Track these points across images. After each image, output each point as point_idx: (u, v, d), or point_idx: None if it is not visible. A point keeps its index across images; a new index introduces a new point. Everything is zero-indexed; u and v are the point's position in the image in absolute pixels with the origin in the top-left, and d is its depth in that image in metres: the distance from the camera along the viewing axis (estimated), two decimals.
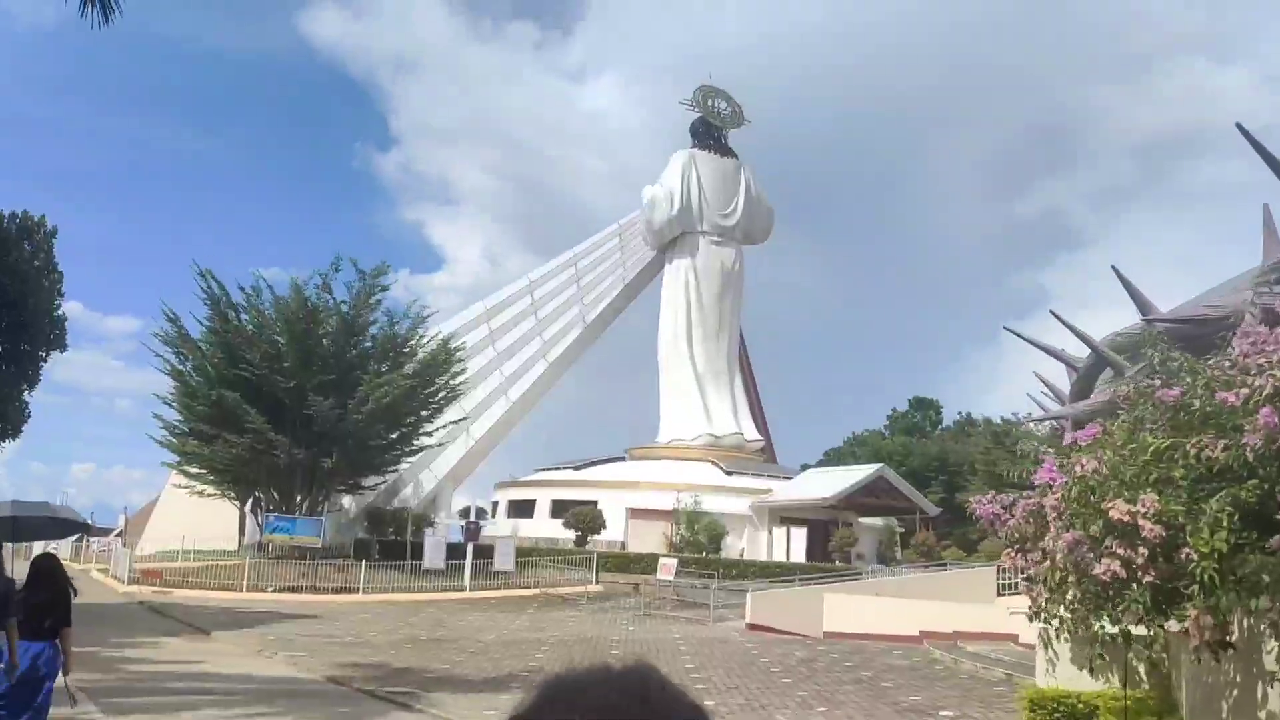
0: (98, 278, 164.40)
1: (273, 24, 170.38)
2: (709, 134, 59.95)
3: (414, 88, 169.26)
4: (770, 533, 45.62)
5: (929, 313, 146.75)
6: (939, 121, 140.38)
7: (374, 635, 23.71)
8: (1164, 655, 9.89)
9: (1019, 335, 28.20)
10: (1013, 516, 11.25)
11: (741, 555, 44.27)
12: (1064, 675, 10.72)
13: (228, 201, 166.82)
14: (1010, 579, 32.46)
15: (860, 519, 47.30)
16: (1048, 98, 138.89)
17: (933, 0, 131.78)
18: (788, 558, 42.95)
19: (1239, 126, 17.96)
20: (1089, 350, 26.88)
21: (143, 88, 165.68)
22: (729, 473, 50.50)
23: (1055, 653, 10.84)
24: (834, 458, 78.31)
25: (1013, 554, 11.05)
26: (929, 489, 55.79)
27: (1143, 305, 21.94)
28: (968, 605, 28.24)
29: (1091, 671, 10.27)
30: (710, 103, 59.75)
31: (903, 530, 50.92)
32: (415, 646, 21.75)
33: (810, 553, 43.65)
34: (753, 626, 28.03)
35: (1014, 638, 25.62)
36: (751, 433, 56.76)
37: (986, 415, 75.89)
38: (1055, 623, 10.77)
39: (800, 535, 43.82)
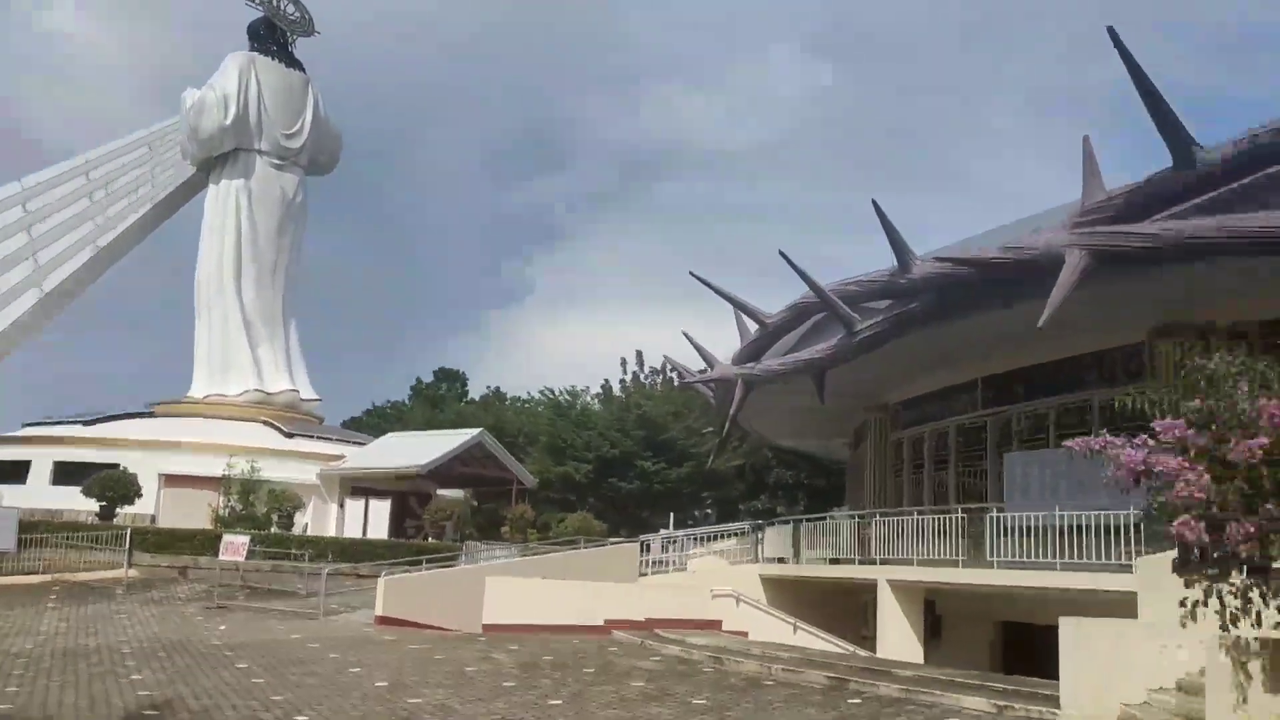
0: None
1: None
2: (272, 39, 50.44)
3: None
4: (343, 505, 39.02)
5: (431, 291, 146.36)
6: (441, 113, 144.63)
7: None
8: None
9: (708, 284, 25.52)
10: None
11: (305, 530, 37.35)
12: (1257, 705, 7.15)
13: None
14: (652, 556, 29.73)
15: (439, 491, 42.23)
16: (544, 104, 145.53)
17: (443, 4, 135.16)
18: (364, 534, 36.79)
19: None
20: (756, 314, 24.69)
21: None
22: (289, 435, 42.70)
23: (1247, 673, 7.19)
24: (355, 429, 71.86)
25: (1192, 521, 7.25)
26: None
27: (902, 251, 19.79)
28: (627, 586, 24.73)
29: None
30: (277, 3, 50.62)
31: (475, 504, 46.66)
32: None
33: (393, 528, 37.89)
34: (384, 620, 22.17)
35: (717, 624, 22.56)
36: (308, 391, 48.87)
37: (529, 388, 74.42)
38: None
39: (383, 509, 37.70)
